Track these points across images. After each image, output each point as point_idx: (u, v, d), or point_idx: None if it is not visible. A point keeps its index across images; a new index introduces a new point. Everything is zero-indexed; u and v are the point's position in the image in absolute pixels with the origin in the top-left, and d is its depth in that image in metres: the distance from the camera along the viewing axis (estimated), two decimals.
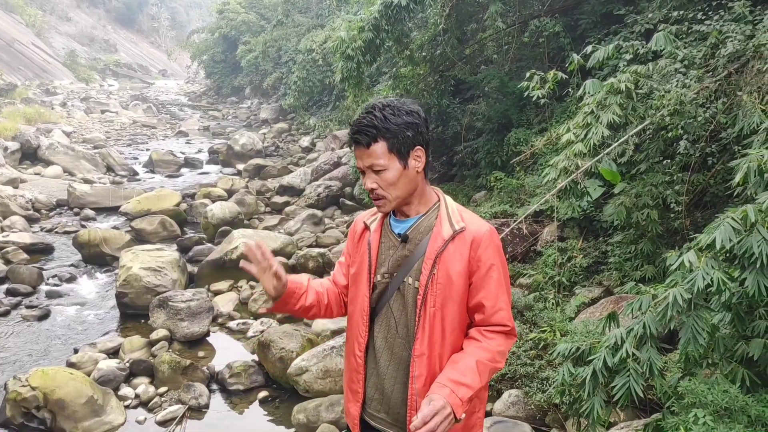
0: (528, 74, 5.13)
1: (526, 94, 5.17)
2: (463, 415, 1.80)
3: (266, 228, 9.27)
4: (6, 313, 6.74)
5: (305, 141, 16.32)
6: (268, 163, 13.92)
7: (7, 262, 8.05)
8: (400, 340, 2.00)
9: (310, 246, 8.40)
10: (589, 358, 2.94)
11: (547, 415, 4.10)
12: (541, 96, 4.97)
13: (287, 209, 10.47)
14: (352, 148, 1.97)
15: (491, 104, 8.14)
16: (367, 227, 2.09)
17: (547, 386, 4.07)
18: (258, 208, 10.54)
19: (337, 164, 11.56)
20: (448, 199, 2.05)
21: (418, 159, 1.93)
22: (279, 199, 11.09)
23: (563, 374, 3.04)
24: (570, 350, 3.09)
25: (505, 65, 8.53)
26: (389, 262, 2.01)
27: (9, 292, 7.21)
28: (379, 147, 1.89)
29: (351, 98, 9.45)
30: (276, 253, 7.68)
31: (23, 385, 4.72)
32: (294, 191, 11.31)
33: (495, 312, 1.94)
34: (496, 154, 7.60)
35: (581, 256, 5.36)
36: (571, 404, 3.16)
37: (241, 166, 14.16)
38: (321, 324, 5.92)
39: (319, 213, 9.56)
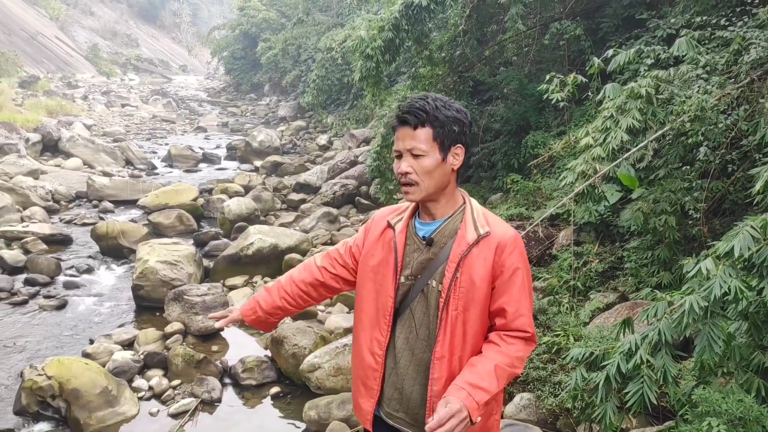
0: (548, 77, 5.11)
1: (545, 96, 5.15)
2: (479, 419, 1.80)
3: (282, 225, 9.31)
4: (24, 303, 6.83)
5: (322, 139, 16.37)
6: (285, 161, 13.98)
7: (26, 252, 8.16)
8: (421, 342, 2.00)
9: (324, 244, 8.43)
10: (603, 363, 2.92)
11: (558, 419, 4.08)
12: (560, 99, 4.95)
13: (303, 207, 10.51)
14: (395, 130, 1.97)
15: (510, 106, 8.12)
16: (390, 226, 2.08)
17: (559, 390, 4.06)
18: (274, 205, 10.60)
19: (353, 163, 11.58)
20: (474, 202, 2.05)
21: (456, 156, 1.94)
22: (295, 197, 11.13)
23: (576, 379, 3.03)
24: (583, 355, 3.08)
25: (524, 67, 8.50)
26: (414, 265, 2.01)
27: (27, 282, 7.31)
28: (425, 132, 1.89)
29: (369, 97, 9.46)
30: (291, 250, 7.72)
31: (39, 374, 4.79)
32: (310, 189, 11.35)
33: (516, 317, 1.94)
34: (513, 157, 7.57)
35: (597, 260, 5.33)
36: (584, 409, 3.15)
37: (258, 163, 14.23)
38: (334, 322, 5.94)
39: (334, 211, 9.59)
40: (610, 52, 4.39)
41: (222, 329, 2.01)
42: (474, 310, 1.94)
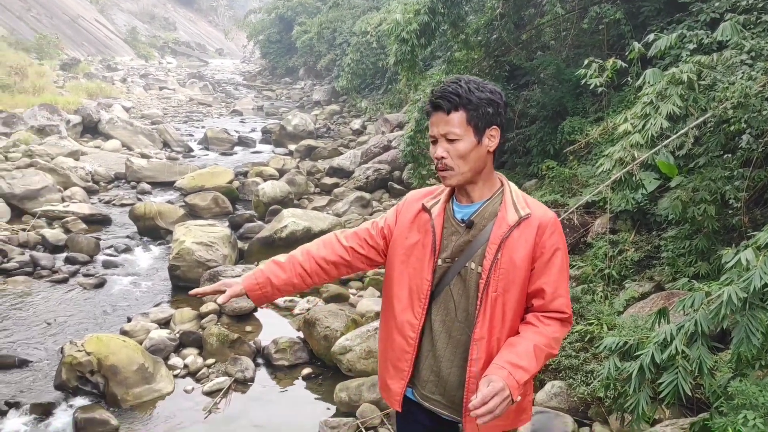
0: (586, 62, 5.03)
1: (583, 81, 5.07)
2: (519, 398, 1.82)
3: (315, 208, 9.38)
4: (64, 281, 7.02)
5: (356, 123, 16.38)
6: (319, 145, 14.04)
7: (67, 231, 8.37)
8: (459, 324, 2.01)
9: None
10: (637, 353, 2.89)
11: (590, 408, 4.06)
12: (598, 84, 4.87)
13: (336, 191, 10.56)
14: (429, 115, 1.97)
15: (546, 91, 8.00)
16: (425, 210, 2.07)
17: (591, 379, 4.03)
18: (308, 189, 10.67)
19: (386, 148, 11.57)
20: (512, 184, 2.05)
21: (492, 138, 1.93)
22: (328, 181, 11.19)
23: (609, 368, 3.01)
24: (617, 344, 3.05)
25: (562, 52, 8.36)
26: (452, 247, 2.01)
27: (68, 260, 7.51)
28: (459, 116, 1.89)
29: (403, 82, 9.42)
30: (323, 233, 7.70)
31: (79, 350, 4.93)
32: (343, 173, 11.39)
33: (555, 298, 1.96)
34: (548, 143, 7.48)
35: (633, 249, 5.25)
36: (616, 399, 3.12)
37: (292, 147, 14.32)
38: (365, 305, 5.98)
39: (367, 196, 9.62)
40: (651, 36, 4.29)
41: (224, 303, 1.92)
42: (513, 292, 1.95)
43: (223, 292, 2.10)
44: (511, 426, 2.10)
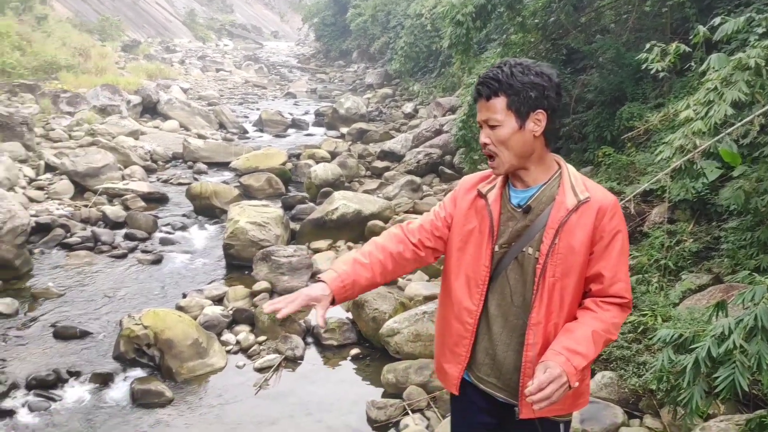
0: (648, 45, 4.86)
1: (644, 66, 4.91)
2: (576, 384, 1.81)
3: (365, 191, 9.42)
4: (123, 256, 7.28)
5: (408, 107, 16.32)
6: (371, 128, 14.06)
7: (126, 208, 8.65)
8: (516, 309, 2.00)
9: (407, 212, 8.48)
10: (692, 346, 2.82)
11: (641, 400, 3.99)
12: (660, 69, 4.70)
13: (387, 174, 10.57)
14: (476, 101, 1.95)
15: (605, 76, 7.79)
16: (481, 195, 2.05)
17: (643, 371, 3.95)
18: (359, 172, 10.72)
19: (438, 132, 11.50)
20: (570, 167, 2.01)
21: (537, 122, 1.88)
22: (379, 164, 11.21)
23: (663, 360, 2.94)
24: (672, 336, 2.98)
25: (622, 35, 8.11)
26: (509, 233, 1.99)
27: (127, 237, 7.77)
28: (499, 102, 1.87)
29: (457, 65, 9.33)
30: (374, 216, 7.80)
31: (136, 324, 5.12)
32: (394, 157, 11.39)
33: (614, 283, 1.92)
34: (606, 129, 7.30)
35: (691, 240, 5.10)
36: (669, 392, 3.06)
37: (344, 130, 14.39)
38: (414, 289, 6.00)
39: (417, 180, 9.60)
40: (717, 20, 4.12)
41: (322, 325, 1.85)
42: (572, 277, 1.93)
43: (306, 301, 1.95)
44: (567, 410, 2.09)
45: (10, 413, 4.45)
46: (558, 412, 2.04)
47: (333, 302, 1.96)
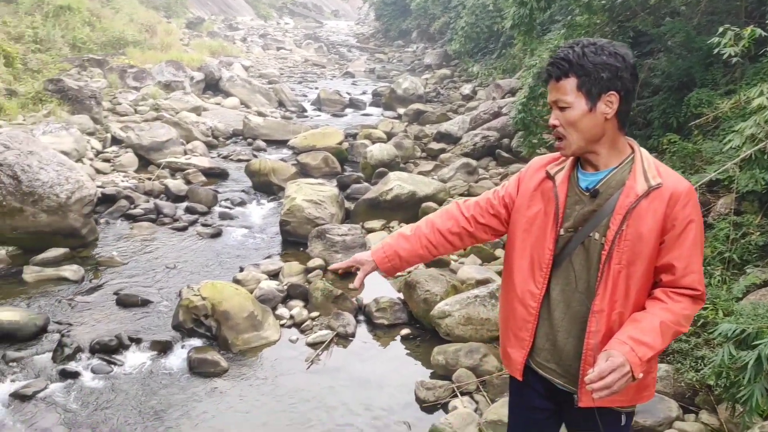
0: (720, 29, 4.67)
1: (715, 51, 4.72)
2: (641, 375, 1.76)
3: (420, 173, 9.40)
4: (184, 229, 7.49)
5: (466, 88, 16.13)
6: (428, 109, 13.97)
7: (188, 182, 8.89)
8: (579, 295, 1.96)
9: (461, 194, 8.43)
10: (755, 342, 2.73)
11: (697, 395, 3.89)
12: (733, 54, 4.51)
13: (442, 156, 10.51)
14: (547, 82, 1.93)
15: (673, 60, 7.51)
16: (549, 177, 2.01)
17: (701, 366, 3.85)
18: (414, 153, 10.70)
19: (497, 114, 11.34)
20: (644, 151, 1.94)
21: (609, 104, 1.84)
22: (435, 146, 11.15)
23: (723, 356, 2.86)
24: (734, 332, 2.89)
25: (693, 18, 7.78)
26: (575, 217, 1.95)
27: (188, 210, 7.99)
28: (569, 83, 1.83)
29: (519, 46, 9.17)
30: (428, 198, 7.79)
31: (195, 295, 5.27)
32: (450, 139, 11.30)
33: (686, 274, 1.85)
34: (672, 115, 7.05)
35: (758, 233, 4.90)
36: (728, 388, 2.98)
37: (401, 110, 14.35)
38: (466, 272, 5.98)
39: (473, 162, 9.51)
40: None
41: (358, 287, 2.02)
42: (639, 265, 1.87)
43: (354, 265, 2.29)
44: (630, 402, 2.03)
45: (75, 375, 4.68)
46: (620, 403, 1.99)
47: (378, 271, 2.22)
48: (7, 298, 5.67)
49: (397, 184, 7.75)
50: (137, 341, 5.12)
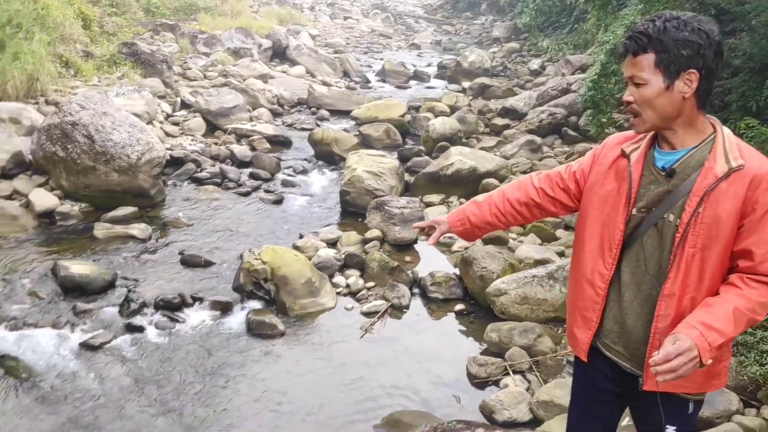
0: None
1: None
2: (710, 361, 1.70)
3: (482, 148, 9.26)
4: (247, 194, 7.66)
5: (535, 63, 15.72)
6: (494, 83, 13.71)
7: (252, 149, 9.05)
8: (650, 277, 1.90)
9: (524, 172, 8.28)
10: None
11: (760, 389, 3.76)
12: None
13: (506, 132, 10.32)
14: (623, 57, 1.86)
15: (756, 40, 7.12)
16: (624, 155, 1.96)
17: (766, 360, 3.72)
18: (477, 128, 10.54)
19: (565, 91, 11.02)
20: (727, 131, 1.86)
21: (688, 83, 1.76)
22: (499, 121, 10.95)
23: None
24: None
25: None
26: (649, 197, 1.89)
27: (252, 176, 8.15)
28: (646, 59, 1.77)
29: (592, 21, 8.86)
30: (489, 174, 7.70)
31: (256, 258, 5.41)
32: (515, 114, 11.07)
33: (765, 260, 1.77)
34: (752, 98, 6.71)
35: None
36: None
37: (466, 84, 14.13)
38: (525, 251, 5.91)
39: (538, 140, 9.31)
40: None
41: (433, 243, 2.13)
42: (714, 249, 1.80)
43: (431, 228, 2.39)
44: (698, 390, 1.97)
45: (139, 329, 4.90)
46: (687, 389, 1.94)
47: (455, 233, 2.34)
48: (79, 253, 5.95)
49: (459, 159, 7.69)
50: (199, 300, 5.31)
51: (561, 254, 5.94)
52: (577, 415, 2.30)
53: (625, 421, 2.67)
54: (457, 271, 5.79)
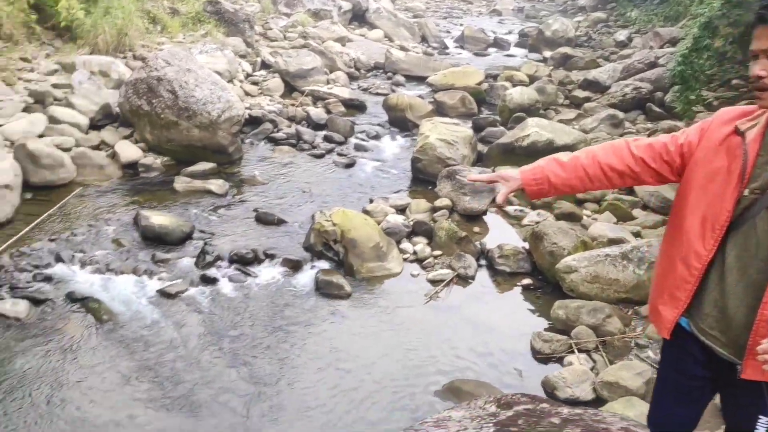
0: None
1: None
2: None
3: (561, 121, 9.03)
4: (321, 156, 7.76)
5: (621, 35, 15.07)
6: (577, 54, 13.26)
7: (328, 111, 9.14)
8: (759, 263, 1.77)
9: None
10: None
11: None
12: None
13: (586, 105, 9.99)
14: (754, 28, 1.72)
15: None
16: (738, 133, 1.83)
17: None
18: (557, 99, 10.26)
19: (652, 65, 10.55)
20: None
21: None
22: (580, 94, 10.60)
23: None
24: None
25: None
26: (765, 178, 1.76)
27: (326, 139, 8.24)
28: None
29: None
30: (566, 148, 7.47)
31: (327, 220, 5.51)
32: (598, 87, 10.68)
33: None
34: None
35: None
36: None
37: (547, 54, 13.73)
38: (599, 229, 5.77)
39: (620, 114, 8.97)
40: None
41: (502, 201, 1.98)
42: None
43: (494, 182, 2.23)
44: None
45: (213, 281, 5.10)
46: None
47: (525, 192, 2.12)
48: (159, 204, 6.21)
49: (535, 130, 7.52)
50: (271, 257, 5.46)
51: (637, 235, 5.76)
52: (671, 399, 2.18)
53: None
54: (526, 245, 5.72)
